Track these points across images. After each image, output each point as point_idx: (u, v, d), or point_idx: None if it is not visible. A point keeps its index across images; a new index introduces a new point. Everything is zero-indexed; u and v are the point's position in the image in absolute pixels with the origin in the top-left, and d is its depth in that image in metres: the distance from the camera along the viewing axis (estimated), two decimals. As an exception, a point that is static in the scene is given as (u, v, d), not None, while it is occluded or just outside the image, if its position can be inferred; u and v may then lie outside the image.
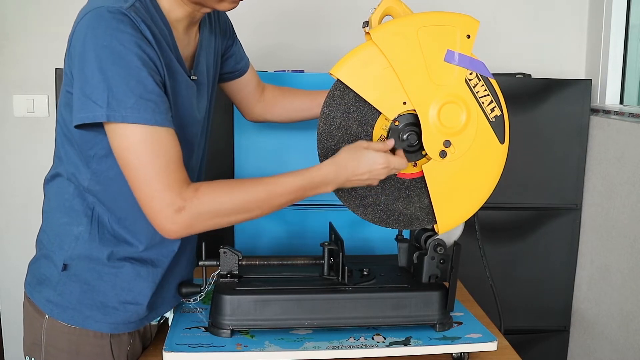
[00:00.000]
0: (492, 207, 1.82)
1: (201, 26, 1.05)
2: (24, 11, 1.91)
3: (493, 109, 1.02)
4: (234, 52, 1.20)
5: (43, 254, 1.01)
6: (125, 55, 0.83)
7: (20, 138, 1.96)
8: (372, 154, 0.98)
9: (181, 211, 0.87)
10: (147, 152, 0.86)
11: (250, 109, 1.30)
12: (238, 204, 0.92)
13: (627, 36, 1.89)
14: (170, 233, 0.89)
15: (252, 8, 1.93)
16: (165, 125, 0.87)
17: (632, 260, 1.65)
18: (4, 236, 2.00)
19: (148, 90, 0.85)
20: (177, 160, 0.89)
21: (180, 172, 0.89)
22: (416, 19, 0.99)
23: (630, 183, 1.66)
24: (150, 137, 0.85)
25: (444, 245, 1.08)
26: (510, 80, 1.81)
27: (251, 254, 1.24)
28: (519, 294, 1.89)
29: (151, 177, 0.86)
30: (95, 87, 0.83)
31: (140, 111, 0.84)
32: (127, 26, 0.84)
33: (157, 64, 0.88)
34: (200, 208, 0.89)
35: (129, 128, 0.84)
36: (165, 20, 0.94)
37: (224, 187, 0.92)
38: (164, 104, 0.87)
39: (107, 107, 0.83)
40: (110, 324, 0.98)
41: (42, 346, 0.99)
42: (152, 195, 0.87)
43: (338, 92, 1.01)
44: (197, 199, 0.88)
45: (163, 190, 0.86)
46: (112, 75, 0.83)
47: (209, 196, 0.90)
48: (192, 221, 0.89)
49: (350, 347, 1.01)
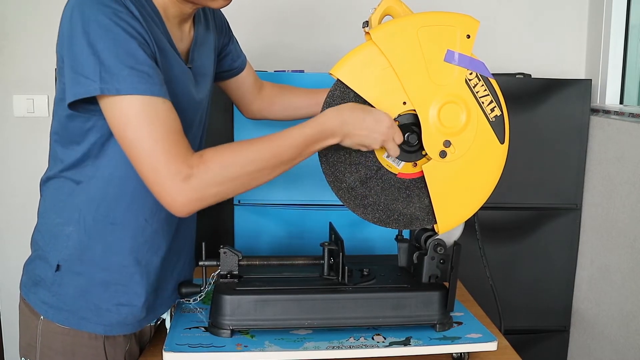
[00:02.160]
0: (492, 207, 1.82)
1: (196, 22, 1.05)
2: (24, 11, 1.91)
3: (493, 109, 1.02)
4: (230, 50, 1.20)
5: (38, 254, 1.01)
6: (113, 28, 0.82)
7: (20, 138, 1.96)
8: (376, 110, 0.97)
9: (189, 179, 0.84)
10: (145, 123, 0.83)
11: (248, 107, 1.30)
12: (246, 163, 0.89)
13: (627, 36, 1.89)
14: (181, 205, 0.85)
15: (252, 8, 1.94)
16: (161, 96, 0.85)
17: (632, 260, 1.65)
18: (4, 236, 2.00)
19: (140, 61, 0.83)
20: (178, 130, 0.86)
21: (183, 141, 0.86)
22: (416, 19, 0.99)
23: (630, 183, 1.66)
24: (147, 108, 0.83)
25: (444, 245, 1.08)
26: (510, 80, 1.81)
27: (251, 254, 1.24)
28: (519, 294, 1.89)
29: (153, 149, 0.83)
30: (86, 62, 0.82)
31: (133, 82, 0.82)
32: (113, 2, 0.83)
33: (147, 39, 0.86)
34: (209, 173, 0.85)
35: (125, 100, 0.82)
36: (156, 11, 0.93)
37: (229, 149, 0.89)
38: (158, 76, 0.85)
39: (100, 81, 0.81)
40: (104, 325, 0.98)
41: (37, 347, 0.99)
42: (156, 167, 0.83)
43: (338, 92, 1.01)
44: (204, 165, 0.85)
45: (167, 160, 0.83)
46: (102, 49, 0.81)
47: (215, 160, 0.87)
48: (202, 189, 0.85)
49: (350, 347, 1.01)
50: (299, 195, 1.58)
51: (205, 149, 0.88)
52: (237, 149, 0.89)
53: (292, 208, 1.57)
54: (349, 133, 0.95)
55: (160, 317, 1.11)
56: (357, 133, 0.95)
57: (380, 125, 0.96)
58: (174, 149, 0.84)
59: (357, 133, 0.95)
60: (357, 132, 0.95)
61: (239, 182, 0.89)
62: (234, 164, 0.88)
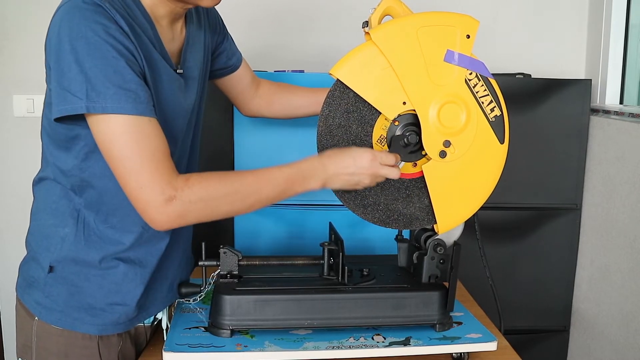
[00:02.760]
0: (492, 207, 1.82)
1: (187, 21, 1.04)
2: (24, 11, 1.91)
3: (493, 109, 1.02)
4: (225, 49, 1.20)
5: (31, 256, 1.01)
6: (101, 46, 0.82)
7: (20, 138, 1.96)
8: (356, 148, 0.98)
9: (172, 200, 0.86)
10: (131, 142, 0.84)
11: (245, 104, 1.30)
12: (229, 192, 0.91)
13: (627, 36, 1.89)
14: (162, 224, 0.88)
15: (252, 7, 1.94)
16: (148, 115, 0.85)
17: (632, 260, 1.65)
18: (4, 236, 2.00)
19: (127, 80, 0.84)
20: (164, 150, 0.88)
21: (168, 161, 0.88)
22: (416, 19, 0.99)
23: (630, 183, 1.66)
24: (133, 127, 0.84)
25: (444, 245, 1.08)
26: (510, 80, 1.81)
27: (251, 254, 1.24)
28: (519, 294, 1.89)
29: (138, 168, 0.85)
30: (73, 79, 0.82)
31: (120, 101, 0.83)
32: (102, 17, 0.83)
33: (135, 55, 0.87)
34: (192, 197, 0.87)
35: (111, 119, 0.83)
36: (146, 15, 0.93)
37: (215, 177, 0.91)
38: (145, 94, 0.86)
39: (87, 99, 0.82)
40: (98, 325, 0.98)
41: (33, 348, 0.99)
42: (141, 186, 0.85)
43: (338, 92, 1.01)
44: (188, 188, 0.87)
45: (152, 180, 0.85)
46: (90, 67, 0.82)
47: (200, 185, 0.89)
48: (184, 211, 0.87)
49: (350, 347, 1.01)
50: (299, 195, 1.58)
51: (192, 173, 0.91)
52: (223, 179, 0.92)
53: (292, 208, 1.57)
54: (331, 176, 0.97)
55: (156, 317, 1.11)
56: (340, 175, 0.97)
57: (361, 161, 0.97)
58: (159, 169, 0.86)
59: (340, 176, 0.97)
60: (339, 175, 0.97)
61: (219, 210, 0.92)
62: (216, 192, 0.90)
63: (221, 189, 0.91)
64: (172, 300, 1.13)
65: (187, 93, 1.02)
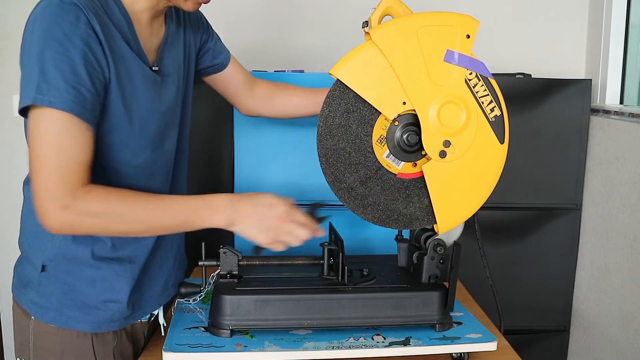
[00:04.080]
0: (492, 207, 1.82)
1: (167, 19, 1.04)
2: (24, 12, 1.90)
3: (493, 109, 1.02)
4: (210, 47, 1.19)
5: (24, 256, 1.03)
6: (67, 45, 0.83)
7: (20, 138, 1.95)
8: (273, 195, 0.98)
9: (65, 209, 0.85)
10: (57, 143, 0.84)
11: (242, 104, 1.30)
12: (123, 213, 0.89)
13: (627, 36, 1.89)
14: (50, 228, 0.87)
15: (252, 7, 1.94)
16: (86, 122, 0.85)
17: (632, 260, 1.65)
18: (4, 236, 2.00)
19: (81, 83, 0.84)
20: (84, 162, 0.87)
21: (81, 173, 0.86)
22: (416, 19, 0.99)
23: (630, 183, 1.66)
24: (67, 128, 0.84)
25: (443, 245, 1.08)
26: (510, 80, 1.81)
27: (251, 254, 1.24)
28: (519, 294, 1.89)
29: (50, 169, 0.84)
30: (30, 72, 0.83)
31: (68, 99, 0.82)
32: (74, 17, 0.83)
33: (101, 61, 0.87)
34: (85, 207, 0.86)
35: (52, 113, 0.83)
36: (124, 10, 0.93)
37: (116, 195, 0.90)
38: (93, 103, 0.86)
39: (36, 90, 0.82)
40: (92, 323, 0.99)
41: (31, 347, 1.00)
42: (44, 187, 0.85)
43: (338, 92, 1.01)
44: (84, 200, 0.86)
45: (55, 185, 0.84)
46: (47, 61, 0.82)
47: (99, 198, 0.88)
48: (73, 221, 0.87)
49: (350, 347, 1.01)
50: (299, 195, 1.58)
51: (97, 186, 0.89)
52: (122, 199, 0.90)
53: (292, 208, 1.56)
54: (241, 216, 0.95)
55: (152, 312, 1.11)
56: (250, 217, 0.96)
57: (276, 208, 0.97)
58: (66, 177, 0.85)
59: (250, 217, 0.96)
60: (250, 216, 0.96)
61: (111, 228, 0.91)
62: (111, 210, 0.89)
63: (117, 208, 0.89)
64: (167, 300, 1.13)
65: (162, 90, 1.01)
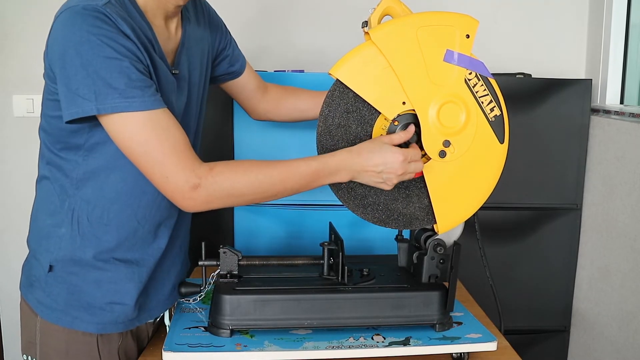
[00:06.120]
0: (492, 207, 1.82)
1: (184, 22, 1.05)
2: (24, 11, 1.91)
3: (493, 108, 1.02)
4: (227, 55, 1.20)
5: (32, 255, 1.03)
6: (105, 49, 0.84)
7: (20, 138, 1.96)
8: (388, 147, 0.97)
9: (197, 188, 0.89)
10: (149, 137, 0.87)
11: (253, 108, 1.30)
12: (253, 184, 0.93)
13: (627, 36, 1.89)
14: (190, 209, 0.93)
15: (252, 6, 1.94)
16: (158, 107, 0.88)
17: (632, 260, 1.65)
18: (4, 236, 2.00)
19: (132, 79, 0.85)
20: (183, 140, 0.90)
21: (189, 151, 0.91)
22: (415, 18, 0.99)
23: (630, 183, 1.66)
24: (148, 122, 0.87)
25: (443, 245, 1.08)
26: (510, 80, 1.81)
27: (251, 253, 1.24)
28: (519, 294, 1.89)
29: (161, 160, 0.88)
30: (81, 82, 0.84)
31: (128, 99, 0.85)
32: (103, 23, 0.85)
33: (138, 55, 0.88)
34: (216, 186, 0.91)
35: (125, 117, 0.86)
36: (142, 15, 0.94)
37: (240, 167, 0.94)
38: (151, 88, 0.88)
39: (96, 100, 0.84)
40: (97, 324, 0.99)
41: (37, 345, 1.00)
42: (166, 177, 0.89)
43: (337, 92, 1.01)
44: (212, 177, 0.90)
45: (176, 171, 0.88)
46: (95, 70, 0.83)
47: (224, 175, 0.92)
48: (209, 198, 0.91)
49: (350, 347, 1.01)
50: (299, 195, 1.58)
51: (217, 162, 0.93)
52: (248, 168, 0.94)
53: (292, 208, 1.57)
54: (364, 169, 0.97)
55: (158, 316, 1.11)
56: (372, 170, 0.97)
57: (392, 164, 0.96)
58: (182, 160, 0.89)
59: (372, 170, 0.97)
60: (372, 169, 0.97)
61: (243, 198, 0.95)
62: (241, 181, 0.93)
63: (245, 180, 0.93)
64: (173, 303, 1.14)
65: (178, 94, 1.02)
